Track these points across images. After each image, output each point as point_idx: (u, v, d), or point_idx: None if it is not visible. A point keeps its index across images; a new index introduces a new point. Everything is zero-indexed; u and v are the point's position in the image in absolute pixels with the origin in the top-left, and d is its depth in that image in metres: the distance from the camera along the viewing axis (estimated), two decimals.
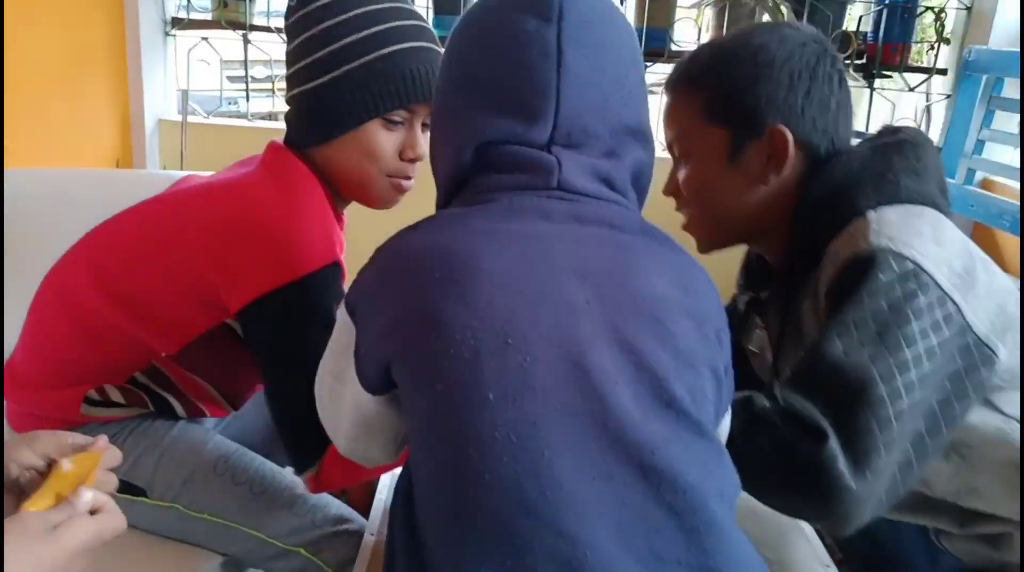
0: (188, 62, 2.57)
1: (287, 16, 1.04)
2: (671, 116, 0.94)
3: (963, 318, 0.75)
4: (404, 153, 1.03)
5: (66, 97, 2.31)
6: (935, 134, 2.39)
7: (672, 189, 0.95)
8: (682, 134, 0.93)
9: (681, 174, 0.93)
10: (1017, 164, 2.06)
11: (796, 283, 0.88)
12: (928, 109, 2.45)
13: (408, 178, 1.06)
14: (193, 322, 1.00)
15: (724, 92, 0.88)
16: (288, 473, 1.08)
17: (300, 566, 1.03)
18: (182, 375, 1.05)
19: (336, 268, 0.98)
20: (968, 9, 2.46)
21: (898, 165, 0.85)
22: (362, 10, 0.99)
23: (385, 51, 0.98)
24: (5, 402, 1.04)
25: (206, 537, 1.04)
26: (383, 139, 1.01)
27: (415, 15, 1.03)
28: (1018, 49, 2.18)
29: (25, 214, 1.45)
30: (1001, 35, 2.30)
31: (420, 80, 1.00)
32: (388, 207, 1.07)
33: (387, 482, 1.04)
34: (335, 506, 1.07)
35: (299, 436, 0.95)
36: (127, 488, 1.01)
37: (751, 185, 0.88)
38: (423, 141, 1.03)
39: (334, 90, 0.98)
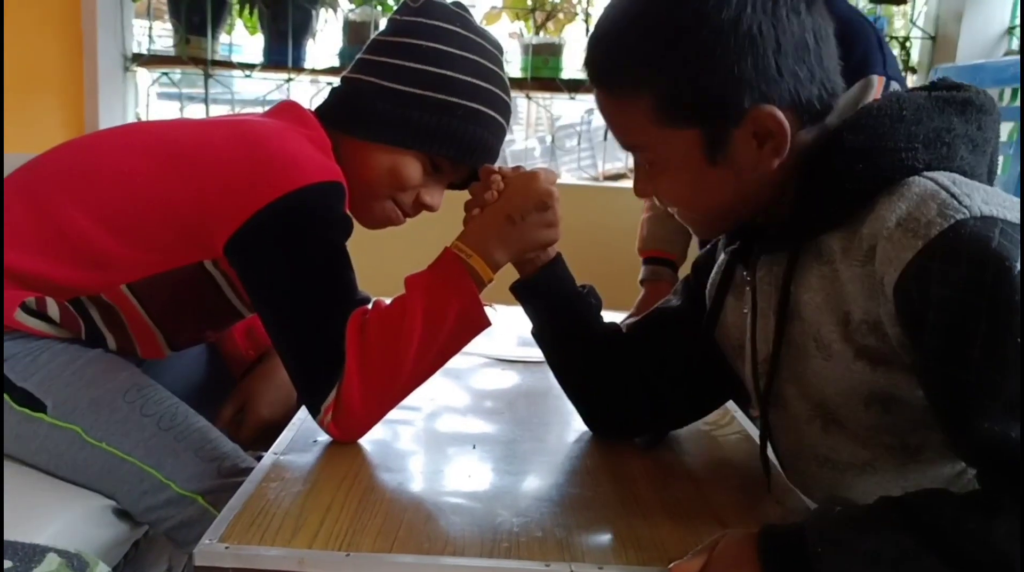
0: (148, 97, 2.53)
1: (402, 10, 1.05)
2: (615, 120, 0.75)
3: None
4: (420, 196, 1.04)
5: (18, 124, 2.24)
6: None
7: (647, 191, 0.78)
8: (640, 144, 0.75)
9: (655, 181, 0.76)
10: None
11: (797, 238, 0.72)
12: None
13: (406, 216, 1.07)
14: (170, 254, 0.94)
15: (673, 89, 0.68)
16: (204, 422, 0.97)
17: (194, 516, 0.90)
18: (129, 305, 0.97)
19: (339, 187, 0.92)
20: (932, 38, 2.47)
21: (958, 129, 0.69)
22: (476, 59, 1.02)
23: (474, 106, 1.00)
24: None
25: (98, 473, 0.92)
26: (414, 173, 1.02)
27: (508, 90, 1.05)
28: (982, 61, 2.17)
29: None
30: (965, 61, 2.29)
31: (483, 150, 1.02)
32: (368, 226, 1.07)
33: (302, 416, 0.92)
34: (245, 460, 0.95)
35: (309, 365, 0.87)
36: (28, 400, 0.91)
37: (749, 174, 0.71)
38: (439, 197, 1.06)
39: (412, 105, 0.99)
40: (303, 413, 0.93)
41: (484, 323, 0.89)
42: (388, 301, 0.89)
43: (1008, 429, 0.57)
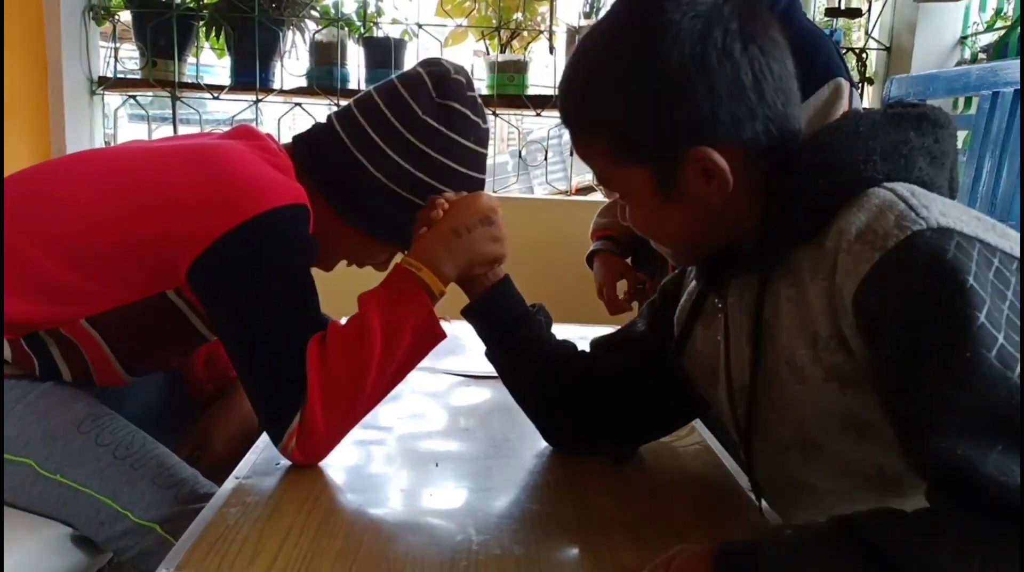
0: (115, 119, 2.52)
1: (416, 88, 1.03)
2: (584, 159, 0.81)
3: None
4: (378, 265, 1.10)
5: None
6: None
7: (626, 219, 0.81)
8: (604, 179, 0.80)
9: (626, 212, 0.80)
10: None
11: (769, 261, 0.74)
12: None
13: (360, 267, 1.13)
14: (132, 286, 0.94)
15: (622, 133, 0.74)
16: (162, 449, 0.97)
17: (152, 546, 0.90)
18: (89, 338, 0.96)
19: (303, 210, 0.93)
20: (887, 49, 2.53)
21: (914, 142, 0.70)
22: (478, 151, 1.05)
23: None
24: None
25: (54, 505, 0.92)
26: (382, 257, 1.10)
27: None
28: (935, 71, 2.22)
29: None
30: (920, 71, 2.35)
31: None
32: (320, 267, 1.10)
33: (264, 440, 0.92)
34: (204, 485, 0.95)
35: (272, 393, 0.87)
36: None
37: (704, 207, 0.74)
38: (397, 258, 1.06)
39: (402, 207, 1.02)
40: (266, 438, 0.93)
41: (440, 335, 0.90)
42: (344, 321, 0.90)
43: (955, 447, 0.57)
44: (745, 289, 0.76)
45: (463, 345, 1.29)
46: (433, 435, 1.01)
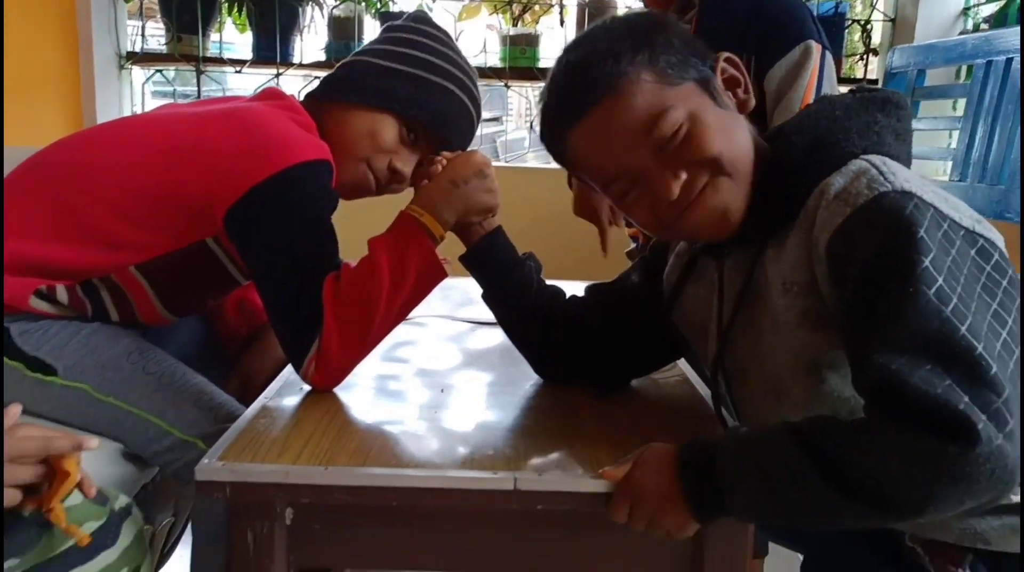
0: (143, 93, 2.63)
1: (396, 20, 1.22)
2: (629, 107, 0.81)
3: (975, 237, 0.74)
4: (392, 162, 1.15)
5: (19, 123, 2.34)
6: None
7: (673, 179, 0.82)
8: (660, 108, 0.81)
9: (698, 142, 0.81)
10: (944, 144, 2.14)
11: (765, 228, 0.83)
12: None
13: (378, 184, 1.17)
14: (177, 235, 1.05)
15: (657, 61, 0.81)
16: (201, 378, 1.09)
17: (194, 459, 0.99)
18: (135, 283, 1.08)
19: (327, 164, 1.04)
20: (892, 20, 2.57)
21: (882, 122, 0.82)
22: (453, 60, 1.17)
23: (448, 87, 1.15)
24: None
25: (108, 423, 1.04)
26: (390, 135, 1.14)
27: (478, 99, 1.19)
28: (934, 41, 2.28)
29: None
30: (923, 41, 2.40)
31: (453, 126, 1.16)
32: (344, 195, 1.14)
33: (288, 371, 1.05)
34: (239, 408, 1.06)
35: (294, 324, 0.98)
36: (40, 366, 1.03)
37: (741, 119, 0.84)
38: (410, 166, 1.16)
39: (394, 77, 1.14)
40: (290, 368, 1.04)
41: (441, 273, 1.01)
42: (354, 262, 1.00)
43: (891, 363, 0.67)
44: (742, 255, 0.86)
45: (472, 298, 1.39)
46: (441, 369, 1.11)
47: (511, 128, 4.80)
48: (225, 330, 1.32)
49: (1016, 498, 0.77)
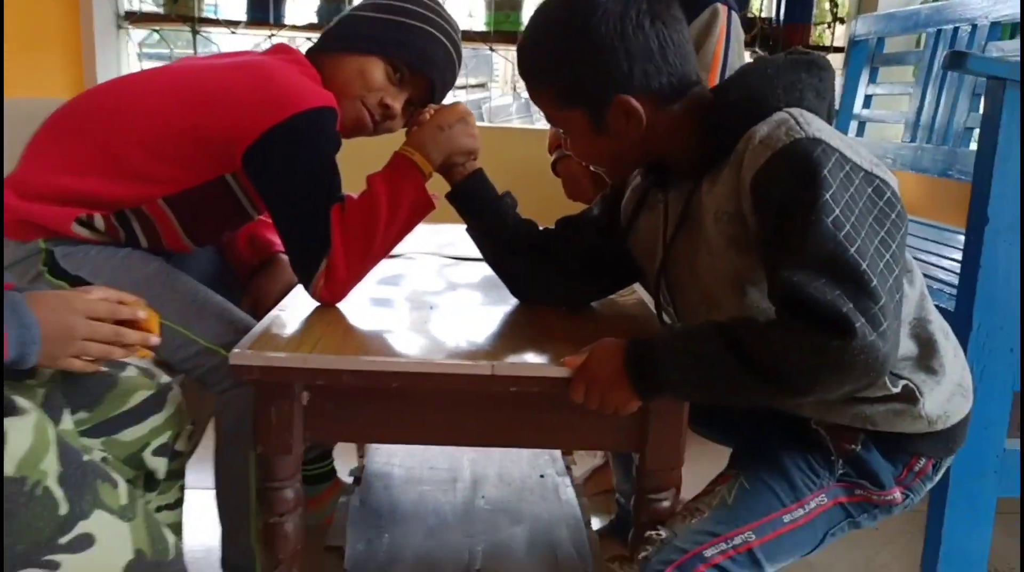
0: (140, 53, 2.74)
1: None
2: (534, 100, 1.07)
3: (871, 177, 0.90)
4: (383, 98, 1.28)
5: (21, 83, 2.45)
6: None
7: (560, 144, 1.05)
8: (548, 115, 1.05)
9: (573, 148, 1.05)
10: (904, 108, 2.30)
11: (702, 166, 0.99)
12: None
13: (374, 120, 1.30)
14: (199, 170, 1.20)
15: (563, 83, 0.99)
16: (220, 297, 1.25)
17: (217, 364, 1.18)
18: (162, 214, 1.22)
19: (333, 111, 1.18)
20: None
21: (805, 80, 0.96)
22: (440, 9, 1.31)
23: (428, 30, 1.28)
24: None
25: None
26: (378, 74, 1.28)
27: (458, 43, 1.33)
28: (894, 10, 2.42)
29: None
30: (888, 10, 2.54)
31: (433, 65, 1.29)
32: (344, 133, 1.26)
33: (299, 288, 1.20)
34: (254, 322, 1.19)
35: (305, 247, 1.13)
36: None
37: (627, 139, 0.99)
38: (399, 102, 1.30)
39: (378, 24, 1.28)
40: (298, 288, 1.19)
41: (430, 204, 1.16)
42: (356, 195, 1.16)
43: (793, 275, 0.83)
44: (683, 187, 1.02)
45: (456, 241, 1.55)
46: (432, 292, 1.27)
47: (496, 95, 4.91)
48: (237, 259, 1.48)
49: (895, 389, 0.95)
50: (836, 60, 2.68)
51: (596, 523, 1.54)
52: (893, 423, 0.97)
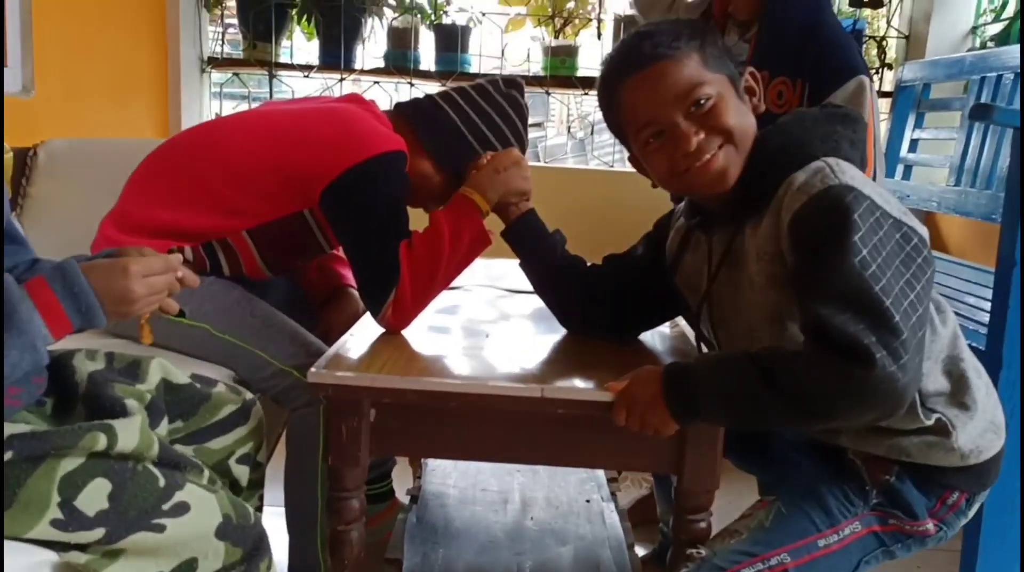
0: (221, 94, 2.94)
1: (485, 85, 1.49)
2: (676, 76, 1.02)
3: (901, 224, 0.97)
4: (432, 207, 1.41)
5: (113, 125, 2.66)
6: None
7: (694, 135, 1.02)
8: (702, 81, 1.02)
9: (710, 116, 1.02)
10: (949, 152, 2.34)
11: (745, 211, 1.07)
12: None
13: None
14: (282, 205, 1.34)
15: (704, 51, 1.04)
16: (295, 322, 1.38)
17: (290, 385, 1.29)
18: (244, 245, 1.36)
19: (404, 155, 1.31)
20: (906, 37, 2.77)
21: (840, 132, 1.04)
22: (522, 130, 1.47)
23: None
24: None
25: (224, 356, 1.32)
26: (438, 183, 1.45)
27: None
28: (938, 58, 2.47)
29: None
30: (933, 57, 2.59)
31: None
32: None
33: (367, 317, 1.31)
34: (326, 347, 1.31)
35: (377, 278, 1.24)
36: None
37: (751, 115, 1.06)
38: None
39: (460, 141, 1.42)
40: (365, 318, 1.31)
41: (488, 240, 1.28)
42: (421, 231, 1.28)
43: (820, 309, 0.92)
44: (727, 230, 1.10)
45: (508, 274, 1.65)
46: (487, 321, 1.37)
47: (552, 134, 5.05)
48: (309, 287, 1.61)
49: (928, 422, 1.01)
50: (884, 105, 2.73)
51: (640, 551, 1.60)
52: (927, 455, 1.03)
